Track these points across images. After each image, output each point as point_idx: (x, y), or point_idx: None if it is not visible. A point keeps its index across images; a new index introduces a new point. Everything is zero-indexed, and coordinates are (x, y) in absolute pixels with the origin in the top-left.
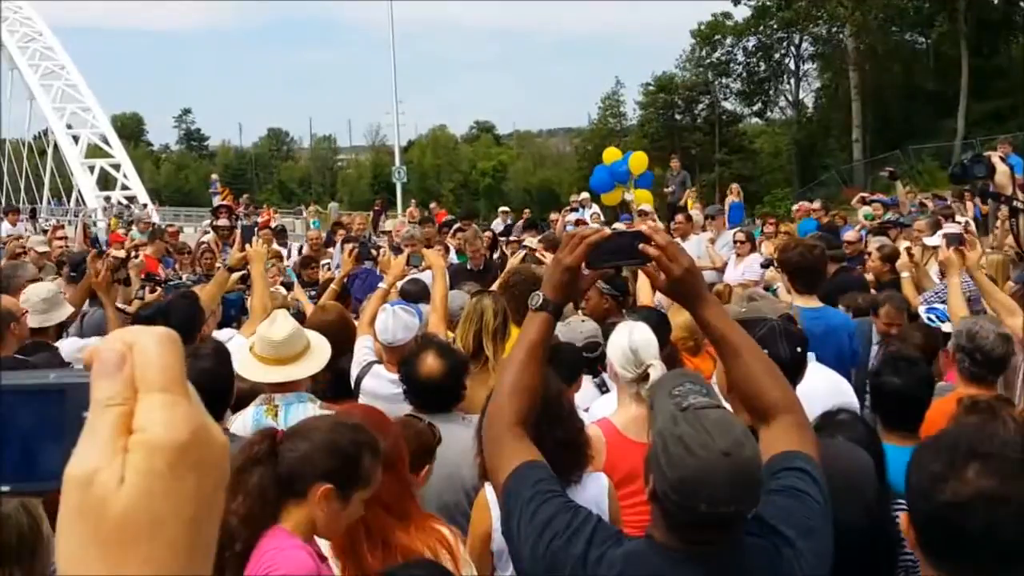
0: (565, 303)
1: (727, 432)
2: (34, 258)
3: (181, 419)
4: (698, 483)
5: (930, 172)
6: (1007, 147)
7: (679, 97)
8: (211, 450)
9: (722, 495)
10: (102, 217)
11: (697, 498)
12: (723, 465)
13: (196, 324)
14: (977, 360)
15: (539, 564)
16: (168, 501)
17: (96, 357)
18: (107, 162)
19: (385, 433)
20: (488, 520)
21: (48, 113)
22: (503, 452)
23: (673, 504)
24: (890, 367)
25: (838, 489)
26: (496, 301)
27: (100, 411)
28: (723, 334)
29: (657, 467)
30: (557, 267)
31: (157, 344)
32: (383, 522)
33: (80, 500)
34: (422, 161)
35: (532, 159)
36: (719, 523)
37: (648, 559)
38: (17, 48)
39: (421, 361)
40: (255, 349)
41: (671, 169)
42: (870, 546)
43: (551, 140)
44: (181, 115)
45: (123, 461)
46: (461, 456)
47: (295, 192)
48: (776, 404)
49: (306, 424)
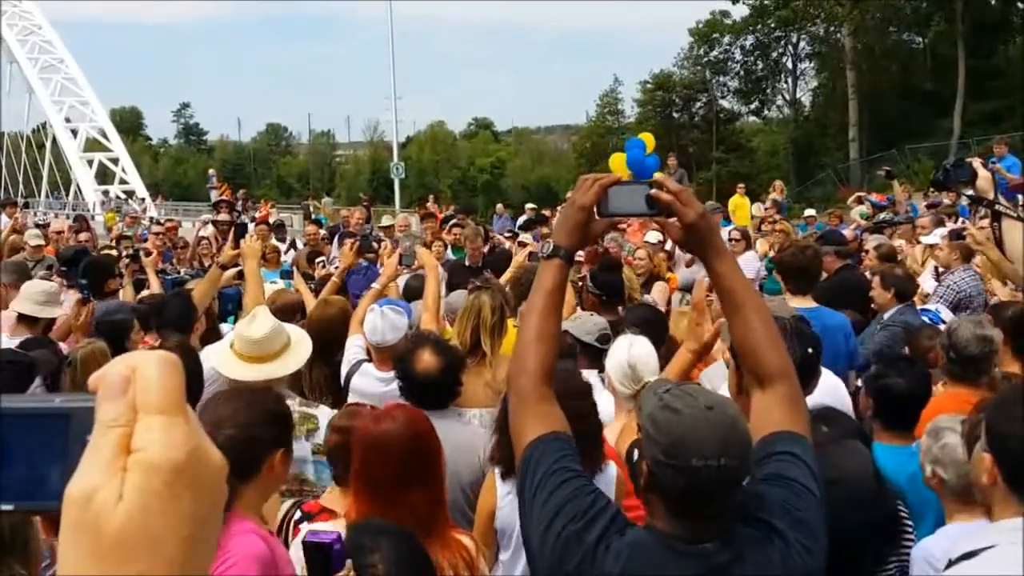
0: (576, 249)
1: (707, 393)
2: (30, 252)
3: (179, 440)
4: (687, 438)
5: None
6: (1003, 147)
7: (677, 95)
8: (207, 470)
9: (710, 446)
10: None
11: (688, 453)
12: (708, 418)
13: (189, 321)
14: (953, 359)
15: (549, 547)
16: (165, 519)
17: (101, 381)
18: (105, 156)
19: (433, 437)
20: (493, 500)
21: (47, 107)
22: (528, 413)
23: (668, 472)
24: (893, 369)
25: (840, 490)
26: (494, 297)
27: (103, 432)
28: (732, 287)
29: (648, 444)
30: (571, 207)
31: (158, 368)
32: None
33: (79, 517)
34: (420, 157)
35: (530, 156)
36: (714, 488)
37: (651, 551)
38: (16, 41)
39: (417, 358)
40: (235, 346)
41: (668, 167)
42: (869, 541)
43: (549, 137)
44: (180, 109)
45: (122, 480)
46: (458, 454)
47: (293, 187)
48: (773, 369)
49: (216, 411)
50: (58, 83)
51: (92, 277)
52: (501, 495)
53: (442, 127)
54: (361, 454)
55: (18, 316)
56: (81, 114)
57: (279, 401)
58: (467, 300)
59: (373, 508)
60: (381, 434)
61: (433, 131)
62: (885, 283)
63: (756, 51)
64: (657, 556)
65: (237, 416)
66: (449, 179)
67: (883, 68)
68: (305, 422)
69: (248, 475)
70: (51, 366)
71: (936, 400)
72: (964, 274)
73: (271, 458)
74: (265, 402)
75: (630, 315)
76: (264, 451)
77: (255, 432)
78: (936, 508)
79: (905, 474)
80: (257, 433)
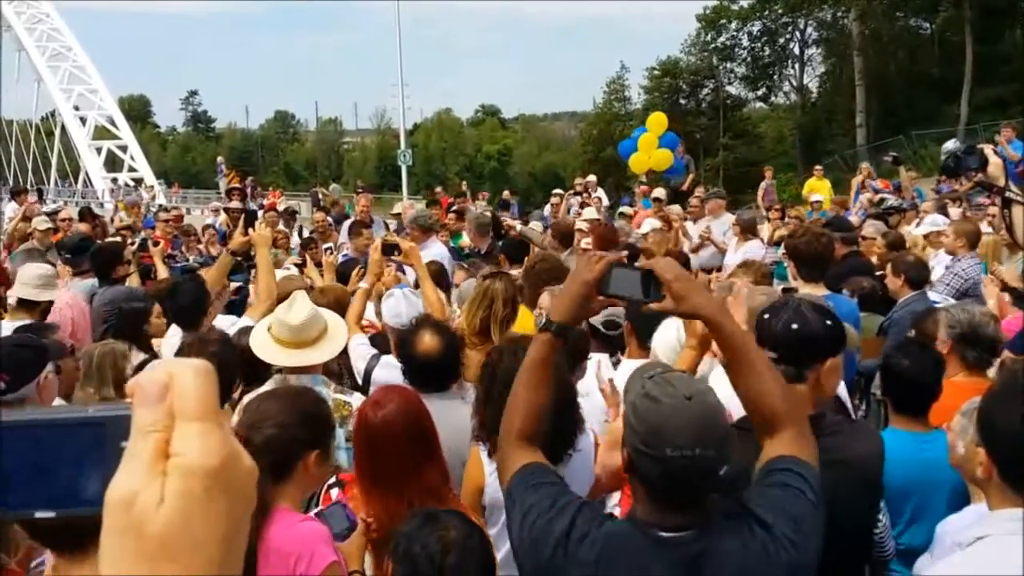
0: (572, 323)
1: (690, 383)
2: (38, 237)
3: (215, 446)
4: (663, 427)
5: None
6: (1011, 132)
7: (684, 82)
8: (241, 474)
9: (685, 436)
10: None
11: (663, 443)
12: (686, 408)
13: (203, 306)
14: (979, 346)
15: (525, 543)
16: (205, 520)
17: (139, 388)
18: (114, 144)
19: (427, 413)
20: (481, 475)
21: (55, 95)
22: (508, 462)
23: (645, 460)
24: (903, 352)
25: (851, 471)
26: (507, 287)
27: (141, 437)
28: (732, 344)
29: (629, 431)
30: (574, 282)
31: (195, 376)
32: (425, 504)
33: (122, 520)
34: (427, 144)
35: (537, 143)
36: (688, 477)
37: (628, 540)
38: (24, 29)
39: (418, 339)
40: (273, 331)
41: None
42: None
43: (556, 124)
44: (188, 97)
45: (162, 484)
46: (460, 433)
47: (301, 175)
48: (779, 416)
49: (259, 409)
50: (66, 71)
51: (100, 263)
52: (488, 472)
53: (449, 114)
54: (368, 441)
55: (17, 301)
56: (90, 102)
57: (318, 403)
58: (480, 286)
59: (390, 492)
60: (383, 419)
61: (440, 118)
62: (896, 270)
63: (763, 37)
64: (632, 545)
65: (277, 416)
66: (456, 166)
67: (890, 54)
68: (340, 408)
69: (284, 474)
70: (61, 352)
71: (952, 384)
72: (971, 261)
73: (306, 458)
74: (304, 403)
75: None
76: (300, 451)
77: (292, 432)
78: (947, 491)
79: (916, 460)
80: (294, 433)
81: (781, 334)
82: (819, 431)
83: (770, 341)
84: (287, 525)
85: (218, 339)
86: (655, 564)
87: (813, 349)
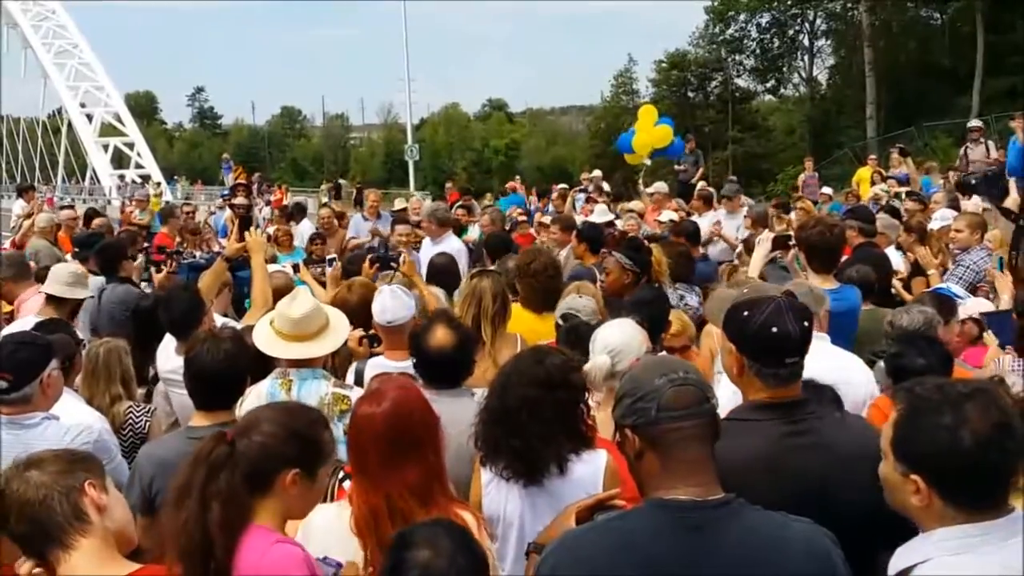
0: None
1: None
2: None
3: None
4: (640, 376)
5: (944, 150)
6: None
7: (692, 74)
8: None
9: (666, 369)
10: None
11: (648, 381)
12: (656, 359)
13: (196, 316)
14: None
15: None
16: None
17: None
18: (121, 140)
19: (420, 412)
20: (479, 489)
21: (62, 92)
22: None
23: (639, 406)
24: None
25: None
26: (496, 283)
27: None
28: None
29: (619, 408)
30: (567, 517)
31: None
32: (406, 504)
33: None
34: (434, 139)
35: (545, 137)
36: (688, 402)
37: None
38: (31, 26)
39: (432, 334)
40: (275, 324)
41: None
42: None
43: (564, 118)
44: (194, 93)
45: None
46: (470, 431)
47: (307, 170)
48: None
49: (254, 417)
50: (73, 68)
51: (105, 259)
52: (485, 482)
53: (456, 109)
54: (351, 434)
55: (47, 297)
56: (96, 99)
57: (314, 424)
58: (468, 285)
59: (370, 485)
60: (366, 414)
61: (447, 113)
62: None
63: (772, 29)
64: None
65: (265, 426)
66: (464, 161)
67: (900, 45)
68: (339, 402)
69: (263, 487)
70: (68, 349)
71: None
72: (982, 252)
73: (284, 475)
74: (297, 421)
75: (633, 298)
76: (279, 465)
77: (275, 445)
78: None
79: None
80: (276, 447)
81: (756, 334)
82: (801, 415)
83: (741, 339)
84: (261, 547)
85: (231, 336)
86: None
87: (782, 352)
